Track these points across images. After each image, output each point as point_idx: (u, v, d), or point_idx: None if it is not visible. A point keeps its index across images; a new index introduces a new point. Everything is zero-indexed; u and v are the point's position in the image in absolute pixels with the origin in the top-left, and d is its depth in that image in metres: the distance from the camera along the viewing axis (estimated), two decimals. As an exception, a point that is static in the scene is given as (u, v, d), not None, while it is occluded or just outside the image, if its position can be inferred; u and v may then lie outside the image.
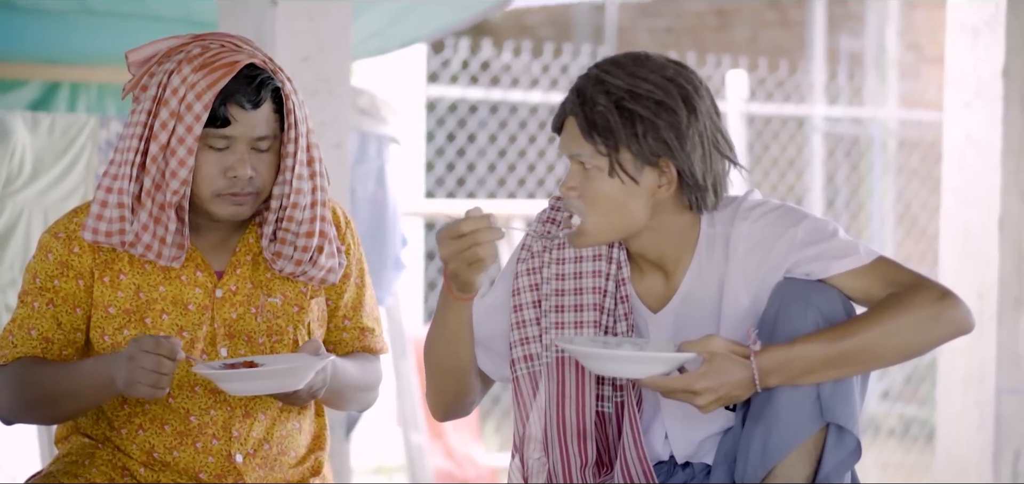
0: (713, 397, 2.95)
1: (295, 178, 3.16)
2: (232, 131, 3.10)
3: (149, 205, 3.11)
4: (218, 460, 3.20)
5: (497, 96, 9.96)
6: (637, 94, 3.01)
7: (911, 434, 10.55)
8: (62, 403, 3.14)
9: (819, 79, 11.76)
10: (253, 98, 3.10)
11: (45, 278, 3.18)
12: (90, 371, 3.09)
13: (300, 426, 3.32)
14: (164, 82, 3.09)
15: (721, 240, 3.12)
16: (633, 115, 3.01)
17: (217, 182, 3.12)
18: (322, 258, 3.24)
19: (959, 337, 3.00)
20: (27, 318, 3.18)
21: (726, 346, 2.94)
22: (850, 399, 3.01)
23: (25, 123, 5.27)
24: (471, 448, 7.84)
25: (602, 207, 3.06)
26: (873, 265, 3.04)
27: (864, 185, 11.74)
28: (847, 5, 12.07)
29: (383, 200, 6.03)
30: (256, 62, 3.12)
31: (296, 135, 3.15)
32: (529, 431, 3.23)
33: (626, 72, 3.04)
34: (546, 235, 3.24)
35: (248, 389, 3.06)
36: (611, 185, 3.04)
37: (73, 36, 5.46)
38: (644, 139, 3.01)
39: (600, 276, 3.18)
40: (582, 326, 3.17)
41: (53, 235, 3.20)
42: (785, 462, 3.00)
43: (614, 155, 3.02)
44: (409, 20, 5.78)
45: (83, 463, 3.20)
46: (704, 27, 12.81)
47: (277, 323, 3.24)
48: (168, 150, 3.09)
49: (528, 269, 3.24)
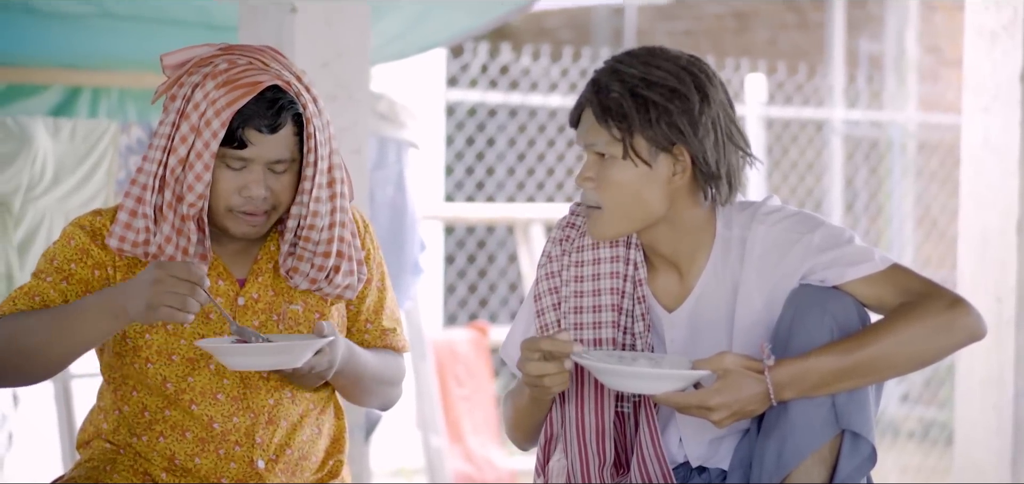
0: (727, 413, 2.97)
1: (313, 201, 3.17)
2: (248, 154, 3.10)
3: (170, 217, 3.13)
4: (240, 466, 3.21)
5: (516, 100, 9.97)
6: (651, 82, 3.05)
7: (930, 437, 10.54)
8: (57, 343, 3.05)
9: (838, 82, 11.74)
10: (271, 123, 3.09)
11: (62, 260, 3.18)
12: (94, 302, 3.04)
13: (320, 431, 3.33)
14: (188, 95, 3.10)
15: (737, 243, 3.14)
16: (647, 101, 3.04)
17: (231, 199, 3.13)
18: (338, 277, 3.25)
19: (971, 344, 3.01)
20: (35, 288, 3.15)
21: (739, 362, 2.96)
22: (865, 406, 3.03)
23: (46, 129, 5.29)
24: (490, 451, 7.84)
25: (618, 195, 3.09)
26: (887, 272, 3.05)
27: (883, 188, 11.72)
28: (866, 8, 12.05)
29: (402, 205, 6.04)
30: (280, 84, 3.11)
31: (315, 159, 3.15)
32: (550, 431, 3.25)
33: (640, 61, 3.08)
34: (570, 225, 3.27)
35: (248, 363, 3.05)
36: (626, 172, 3.07)
37: (93, 41, 5.47)
38: (657, 124, 3.04)
39: (618, 277, 3.20)
40: (600, 326, 3.20)
41: (78, 226, 3.21)
42: (800, 469, 3.01)
43: (628, 140, 3.06)
44: (428, 25, 5.79)
45: (105, 469, 3.22)
46: (723, 30, 12.80)
47: (299, 330, 3.25)
48: (186, 164, 3.10)
49: (547, 273, 3.27)
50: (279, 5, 4.34)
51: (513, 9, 5.95)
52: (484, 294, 10.70)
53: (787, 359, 2.97)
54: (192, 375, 3.20)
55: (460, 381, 7.79)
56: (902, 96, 11.86)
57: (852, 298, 3.04)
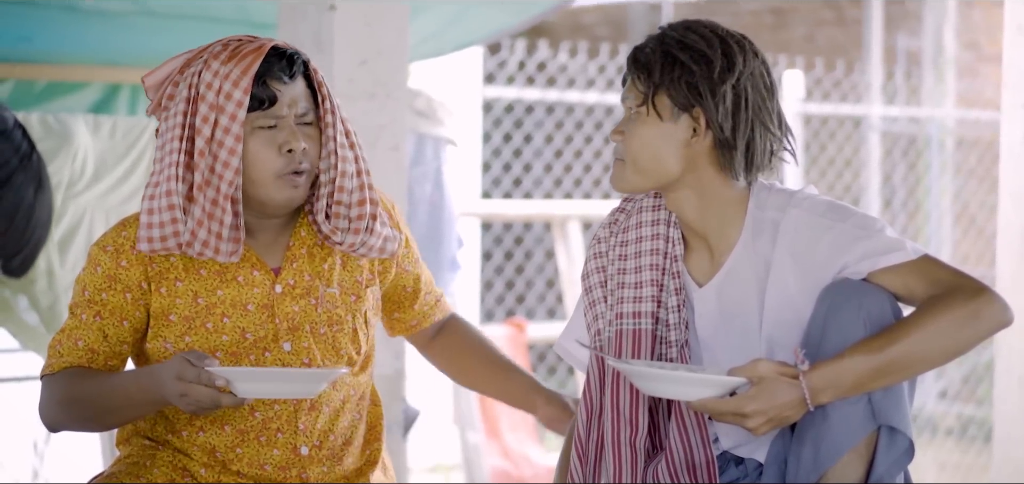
0: (763, 419, 2.98)
1: (339, 148, 3.20)
2: (278, 109, 3.14)
3: (202, 200, 3.13)
4: (284, 452, 3.23)
5: (553, 97, 9.98)
6: (685, 44, 3.14)
7: (969, 434, 10.51)
8: (106, 416, 3.17)
9: (876, 78, 11.71)
10: (288, 70, 3.15)
11: (93, 291, 3.20)
12: (135, 385, 3.11)
13: (361, 416, 3.36)
14: (194, 82, 3.13)
15: (770, 225, 3.16)
16: (675, 60, 3.13)
17: (275, 162, 3.15)
18: (377, 226, 3.28)
19: (1000, 331, 3.03)
20: (74, 329, 3.20)
21: (774, 369, 2.97)
22: (901, 400, 3.04)
23: (87, 126, 5.31)
24: (528, 447, 7.84)
25: (637, 148, 3.16)
26: (917, 262, 3.06)
27: (921, 185, 11.68)
28: (904, 4, 12.01)
29: (440, 201, 6.05)
30: (278, 44, 3.18)
31: (331, 107, 3.20)
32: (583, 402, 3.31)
33: (685, 27, 3.18)
34: (620, 210, 3.36)
35: (259, 391, 3.04)
36: (647, 127, 3.15)
37: (134, 38, 5.50)
38: (678, 83, 3.12)
39: (657, 254, 3.26)
40: (641, 301, 3.26)
41: (101, 248, 3.21)
42: (837, 466, 3.02)
43: (651, 95, 3.13)
44: (465, 23, 5.79)
45: (144, 465, 3.23)
46: (760, 26, 12.78)
47: (337, 312, 3.27)
48: (214, 143, 3.11)
49: (595, 254, 3.37)
50: (318, 3, 4.36)
51: (550, 7, 5.95)
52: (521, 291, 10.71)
53: (821, 363, 2.98)
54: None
55: (497, 377, 7.78)
56: (940, 92, 11.82)
57: (886, 293, 3.05)
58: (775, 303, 3.14)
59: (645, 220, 3.29)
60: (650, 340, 3.23)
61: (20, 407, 6.84)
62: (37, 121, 5.21)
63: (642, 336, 3.24)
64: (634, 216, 3.31)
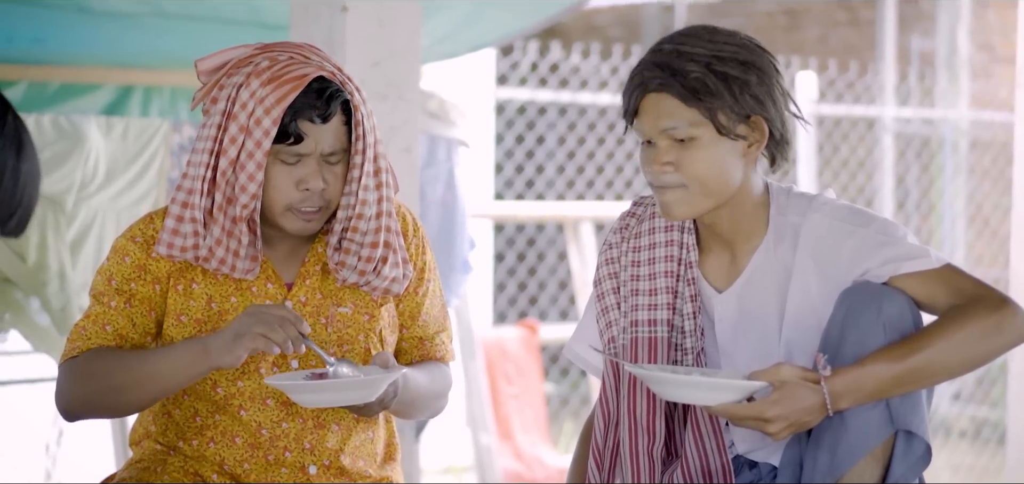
0: (784, 424, 2.97)
1: (361, 190, 3.16)
2: (303, 148, 3.09)
3: (221, 219, 3.11)
4: (292, 472, 3.20)
5: (566, 98, 9.97)
6: (723, 57, 3.09)
7: (982, 436, 10.48)
8: (139, 387, 3.08)
9: (890, 79, 11.69)
10: (323, 112, 3.09)
11: (121, 280, 3.17)
12: (178, 347, 3.06)
13: (373, 436, 3.32)
14: (233, 96, 3.09)
15: (791, 230, 3.16)
16: (726, 76, 3.07)
17: (290, 196, 3.11)
18: (386, 269, 3.23)
19: (1020, 344, 3.03)
20: (102, 315, 3.16)
21: (796, 373, 2.97)
22: (919, 405, 3.03)
23: (99, 127, 5.32)
24: (540, 449, 7.84)
25: (704, 172, 3.10)
26: (940, 271, 3.05)
27: (935, 186, 11.66)
28: (918, 5, 11.99)
29: (452, 203, 6.04)
30: (325, 74, 3.11)
31: (364, 147, 3.14)
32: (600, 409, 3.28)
33: (703, 40, 3.12)
34: (631, 214, 3.33)
35: (320, 401, 3.05)
36: (711, 147, 3.09)
37: (146, 40, 5.49)
38: (742, 96, 3.07)
39: (672, 260, 3.24)
40: (656, 308, 3.24)
41: (130, 239, 3.20)
42: (854, 470, 3.01)
43: (714, 116, 3.07)
44: (478, 25, 5.78)
45: (155, 469, 3.21)
46: (774, 27, 12.77)
47: (348, 332, 3.24)
48: (238, 165, 3.08)
49: (607, 259, 3.34)
50: (330, 4, 4.35)
51: (563, 9, 5.94)
52: (534, 292, 10.70)
53: (842, 368, 2.98)
54: (242, 379, 3.18)
55: (510, 379, 7.80)
56: (954, 93, 11.80)
57: (905, 297, 3.04)
58: (796, 307, 3.13)
59: (659, 226, 3.27)
60: (666, 348, 3.22)
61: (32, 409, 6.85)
62: (49, 123, 5.21)
63: (658, 344, 3.23)
64: (646, 221, 3.29)
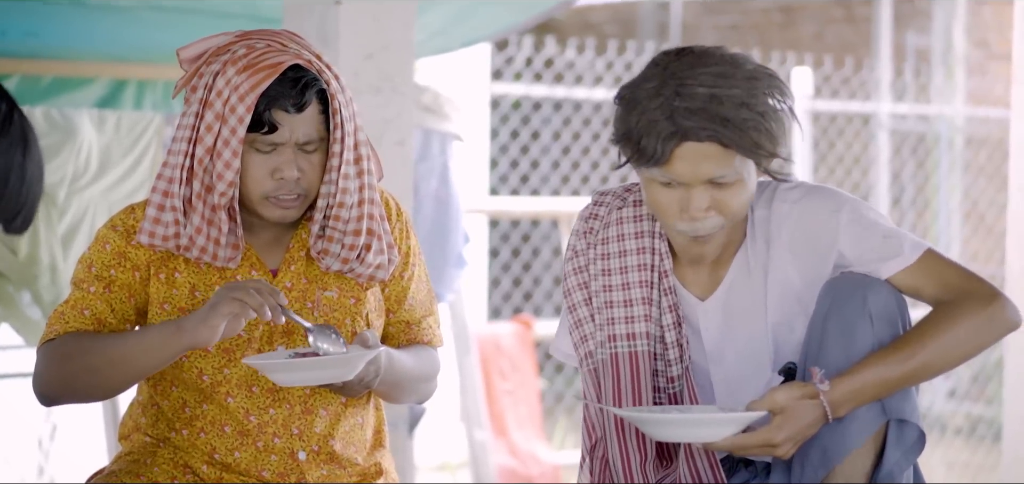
0: (792, 444, 2.96)
1: (341, 178, 3.14)
2: (277, 137, 3.08)
3: (200, 208, 3.11)
4: (281, 458, 3.19)
5: (561, 93, 9.95)
6: (755, 92, 2.97)
7: (978, 433, 10.48)
8: (114, 368, 3.07)
9: (885, 76, 11.68)
10: (297, 101, 3.08)
11: (101, 267, 3.17)
12: (152, 328, 3.05)
13: (363, 420, 3.30)
14: (210, 84, 3.09)
15: (760, 224, 3.13)
16: (764, 112, 2.96)
17: (264, 184, 3.11)
18: (370, 256, 3.22)
19: (1011, 333, 3.04)
20: (81, 300, 3.16)
21: (793, 395, 2.94)
22: (909, 393, 3.04)
23: (91, 120, 5.30)
24: (534, 445, 7.83)
25: (742, 206, 3.04)
26: (921, 263, 3.05)
27: (930, 182, 11.66)
28: (914, 1, 11.99)
29: (446, 197, 6.04)
30: (301, 62, 3.09)
31: (342, 135, 3.13)
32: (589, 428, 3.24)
33: (729, 78, 2.97)
34: (593, 216, 3.24)
35: (297, 379, 3.03)
36: (748, 184, 3.02)
37: (139, 33, 5.49)
38: (777, 127, 2.99)
39: (645, 269, 3.17)
40: (633, 321, 3.17)
41: (111, 228, 3.20)
42: (846, 462, 3.00)
43: (757, 154, 2.99)
44: (473, 19, 5.77)
45: (145, 462, 3.21)
46: (770, 24, 12.76)
47: (334, 316, 3.23)
48: (214, 153, 3.08)
49: (574, 269, 3.26)
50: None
51: (557, 4, 5.93)
52: (528, 288, 10.69)
53: (839, 378, 2.96)
54: (228, 367, 3.18)
55: (504, 375, 7.78)
56: (950, 90, 11.79)
57: (887, 285, 3.04)
58: (777, 297, 3.11)
59: (627, 232, 3.19)
60: (648, 361, 3.16)
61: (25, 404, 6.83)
62: (41, 115, 5.20)
63: (639, 359, 3.17)
64: (613, 227, 3.20)
